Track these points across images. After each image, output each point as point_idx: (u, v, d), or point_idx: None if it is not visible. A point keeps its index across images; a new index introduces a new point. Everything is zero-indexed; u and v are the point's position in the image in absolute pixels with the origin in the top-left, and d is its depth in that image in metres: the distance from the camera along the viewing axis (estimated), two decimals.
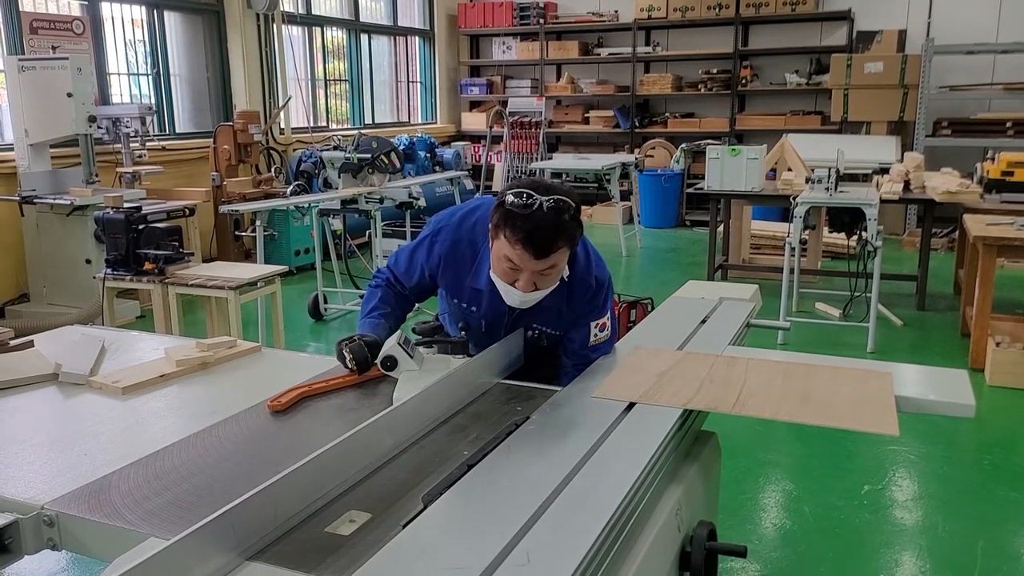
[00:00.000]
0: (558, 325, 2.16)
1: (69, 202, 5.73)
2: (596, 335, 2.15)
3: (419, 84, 11.54)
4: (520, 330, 2.21)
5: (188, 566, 1.15)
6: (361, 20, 10.15)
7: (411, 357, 1.99)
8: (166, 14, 7.76)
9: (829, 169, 5.46)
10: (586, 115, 11.17)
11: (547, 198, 1.85)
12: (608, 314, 2.18)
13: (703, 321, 2.51)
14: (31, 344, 2.35)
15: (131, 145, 6.40)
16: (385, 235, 6.40)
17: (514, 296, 1.98)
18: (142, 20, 7.58)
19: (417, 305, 2.47)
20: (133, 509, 1.40)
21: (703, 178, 6.68)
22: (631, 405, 1.81)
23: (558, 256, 1.90)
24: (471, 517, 1.33)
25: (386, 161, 6.36)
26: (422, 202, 6.32)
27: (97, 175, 6.14)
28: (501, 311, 2.13)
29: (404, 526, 1.29)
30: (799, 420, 1.75)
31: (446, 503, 1.36)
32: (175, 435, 1.72)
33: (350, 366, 2.02)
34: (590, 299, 2.12)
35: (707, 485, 1.88)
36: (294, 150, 8.66)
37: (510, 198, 1.86)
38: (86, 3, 6.95)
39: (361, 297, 6.66)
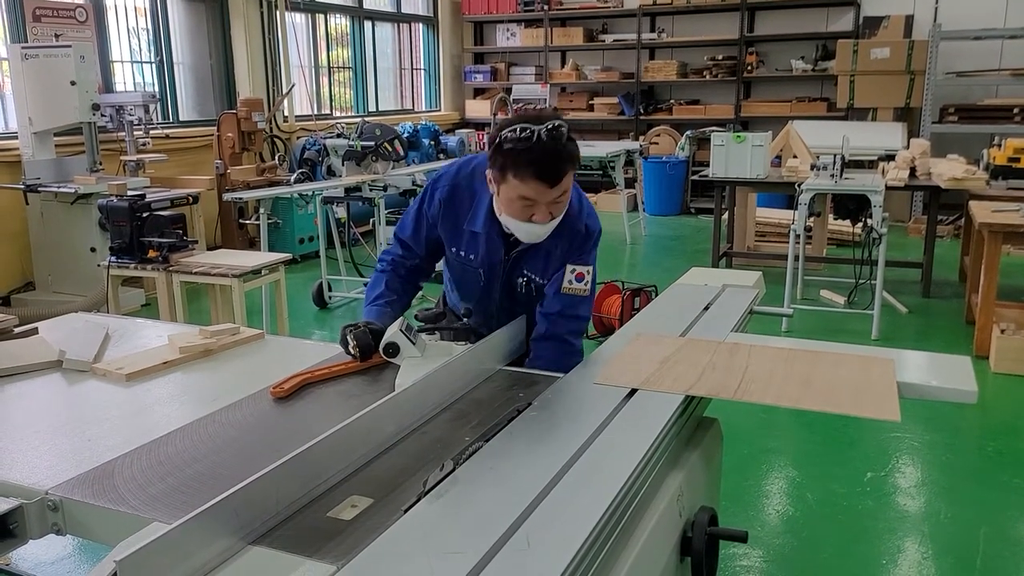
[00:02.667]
0: (545, 271, 2.17)
1: (73, 190, 5.74)
2: (571, 282, 2.12)
3: (423, 71, 11.50)
4: (523, 316, 2.21)
5: (191, 550, 1.15)
6: (365, 7, 10.12)
7: (413, 344, 1.99)
8: (169, 1, 7.74)
9: (834, 156, 5.44)
10: (591, 102, 11.14)
11: (543, 127, 1.86)
12: (590, 268, 2.16)
13: (706, 308, 2.50)
14: (35, 331, 2.36)
15: (135, 133, 6.41)
16: (389, 223, 6.39)
17: (534, 231, 1.99)
18: (145, 8, 7.57)
19: (420, 292, 2.47)
20: (137, 494, 1.41)
21: (708, 165, 6.66)
22: (632, 391, 1.81)
23: (568, 180, 1.93)
24: (472, 502, 1.33)
25: (390, 149, 6.35)
26: None
27: (101, 163, 6.15)
28: (497, 258, 2.16)
29: (406, 511, 1.30)
30: (800, 406, 1.73)
31: (447, 488, 1.37)
32: (178, 421, 1.72)
33: (353, 352, 2.03)
34: (578, 244, 2.13)
35: (709, 471, 1.89)
36: (298, 138, 8.65)
37: (507, 135, 1.87)
38: None
39: (365, 285, 6.68)
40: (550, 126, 1.87)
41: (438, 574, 1.11)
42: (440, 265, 2.41)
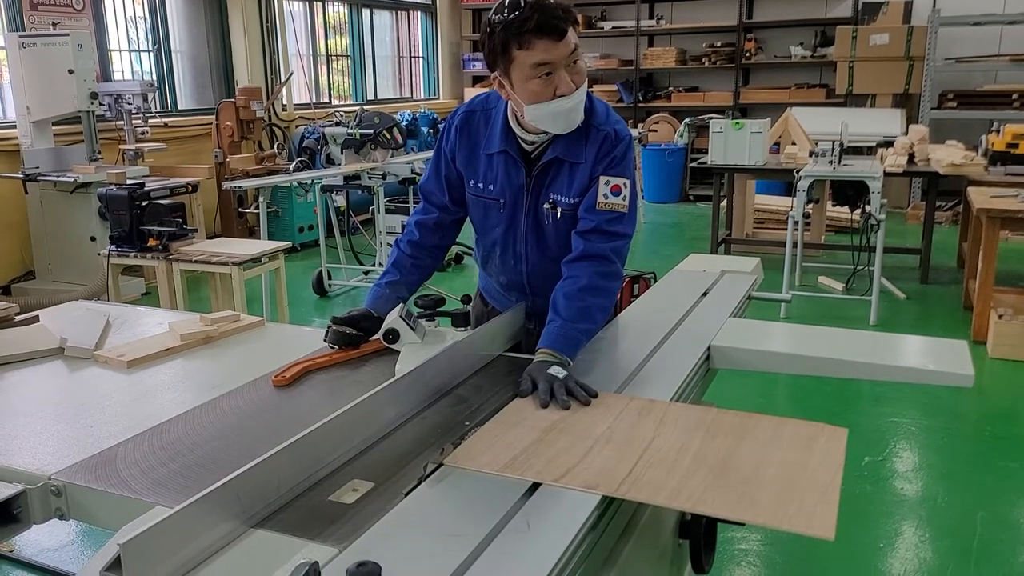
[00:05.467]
0: (571, 188, 2.00)
1: (72, 179, 5.74)
2: (606, 196, 1.95)
3: (421, 59, 11.47)
4: (521, 304, 2.21)
5: (193, 533, 1.16)
6: None
7: (413, 330, 2.00)
8: None
9: (833, 142, 5.44)
10: (589, 89, 11.08)
11: None
12: (627, 181, 1.98)
13: (705, 293, 2.51)
14: (36, 319, 2.37)
15: (133, 122, 6.40)
16: (388, 211, 6.40)
17: (563, 108, 1.89)
18: None
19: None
20: (139, 479, 1.42)
21: (707, 152, 6.65)
22: (635, 375, 1.82)
23: (574, 36, 1.85)
24: (472, 485, 1.34)
25: (388, 137, 6.35)
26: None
27: (100, 152, 6.15)
28: (518, 182, 2.04)
29: (406, 494, 1.31)
30: (700, 509, 1.31)
31: (447, 472, 1.38)
32: (180, 407, 1.73)
33: (333, 348, 2.05)
34: (607, 150, 1.98)
35: None
36: (296, 126, 8.64)
37: (495, 18, 1.83)
38: None
39: (365, 273, 6.67)
40: None
41: (439, 557, 1.13)
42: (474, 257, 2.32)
